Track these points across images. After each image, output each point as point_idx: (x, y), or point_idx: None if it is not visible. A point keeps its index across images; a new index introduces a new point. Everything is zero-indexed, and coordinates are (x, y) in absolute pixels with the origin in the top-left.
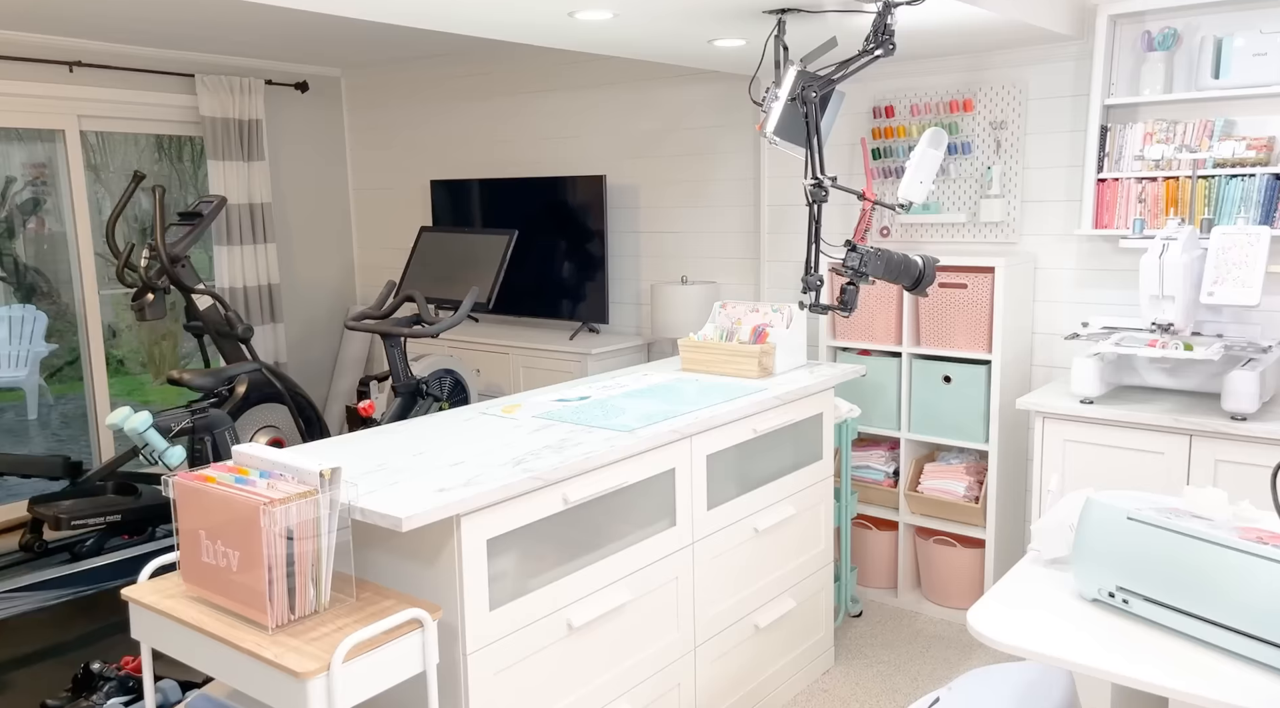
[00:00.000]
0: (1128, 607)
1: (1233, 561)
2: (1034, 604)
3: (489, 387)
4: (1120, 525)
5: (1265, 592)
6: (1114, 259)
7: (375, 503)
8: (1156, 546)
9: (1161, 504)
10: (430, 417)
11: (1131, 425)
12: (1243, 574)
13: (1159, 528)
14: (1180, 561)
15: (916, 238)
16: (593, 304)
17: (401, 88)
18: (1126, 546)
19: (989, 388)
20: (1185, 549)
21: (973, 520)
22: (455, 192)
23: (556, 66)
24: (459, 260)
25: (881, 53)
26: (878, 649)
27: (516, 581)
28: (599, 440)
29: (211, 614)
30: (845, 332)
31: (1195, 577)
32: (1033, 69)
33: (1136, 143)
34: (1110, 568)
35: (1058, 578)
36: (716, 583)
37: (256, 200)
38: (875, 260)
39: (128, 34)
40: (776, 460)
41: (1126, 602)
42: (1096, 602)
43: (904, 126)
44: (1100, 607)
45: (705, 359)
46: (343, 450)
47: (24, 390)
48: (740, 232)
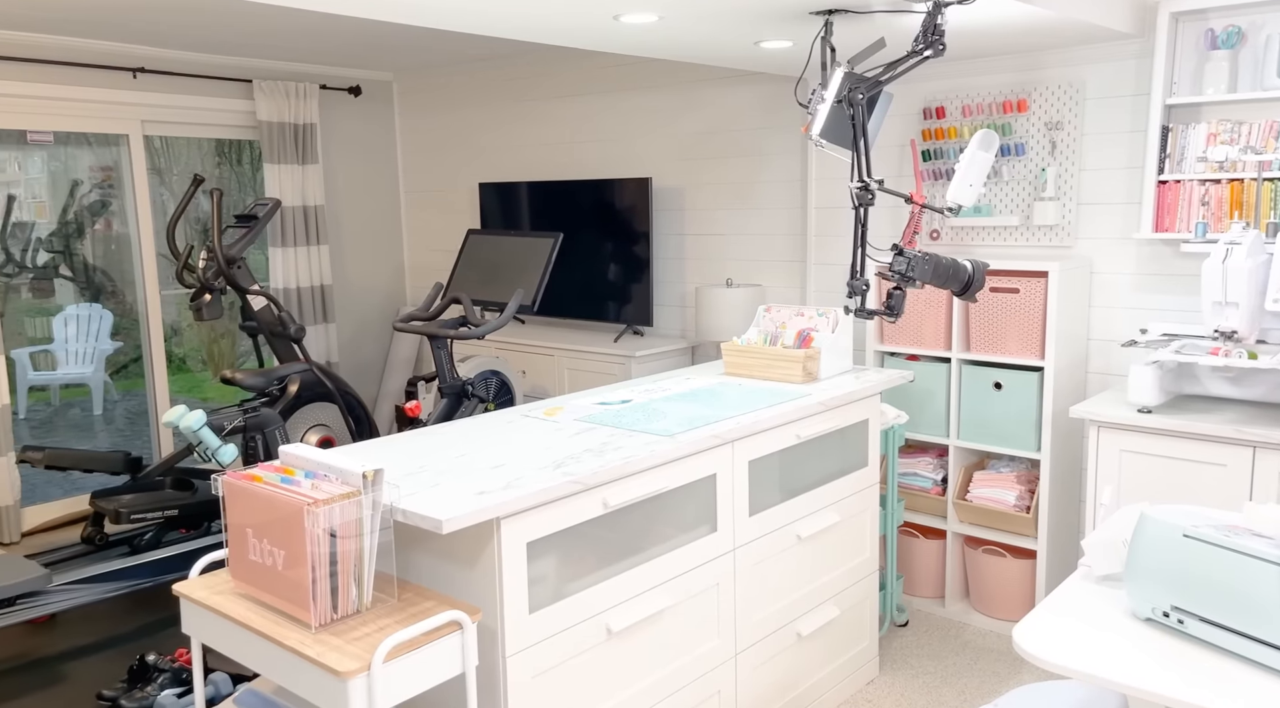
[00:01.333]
0: (1183, 627)
1: None
2: (1084, 622)
3: (534, 388)
4: (1176, 543)
5: None
6: (1174, 264)
7: (416, 505)
8: (1214, 565)
9: (1220, 521)
10: (473, 418)
11: (1192, 436)
12: None
13: (1217, 546)
14: (1239, 581)
15: (967, 241)
16: (638, 307)
17: (452, 91)
18: (1183, 564)
19: (1041, 395)
20: (1245, 569)
21: (1024, 531)
22: (503, 194)
23: (604, 69)
24: (505, 263)
25: (931, 53)
26: (924, 660)
27: (556, 584)
28: (639, 445)
29: (258, 611)
30: (893, 336)
31: (1255, 598)
32: (1091, 68)
33: (1199, 144)
34: (1165, 587)
35: (1110, 595)
36: (758, 590)
37: (310, 203)
38: (923, 265)
39: (189, 41)
40: (820, 467)
41: (1182, 622)
42: (1150, 621)
43: (955, 128)
44: (1154, 627)
45: (748, 363)
46: (386, 451)
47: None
48: (787, 234)
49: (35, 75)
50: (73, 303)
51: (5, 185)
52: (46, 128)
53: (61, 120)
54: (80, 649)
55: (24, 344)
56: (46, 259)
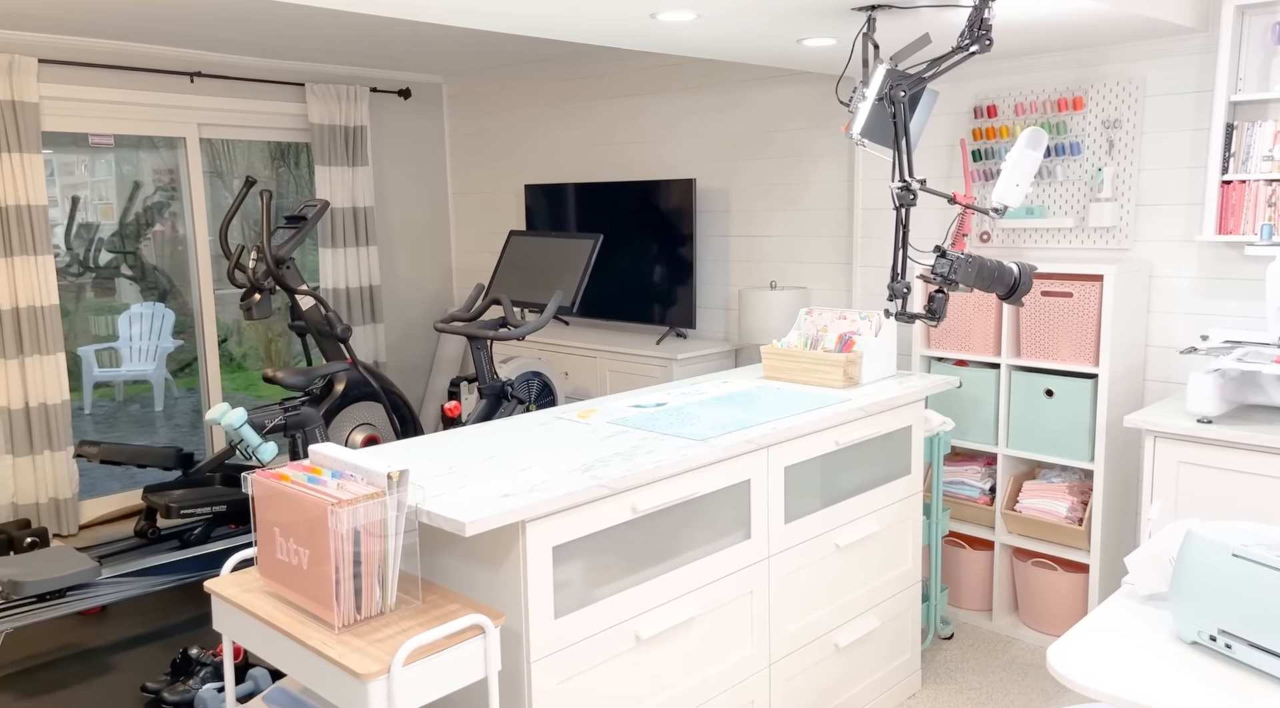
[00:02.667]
0: (1230, 652)
1: None
2: (1125, 643)
3: (576, 390)
4: (1224, 563)
5: None
6: (1238, 267)
7: (441, 506)
8: (1265, 586)
9: (1272, 539)
10: (507, 420)
11: (1255, 448)
12: None
13: (1268, 567)
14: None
15: (1019, 244)
16: (681, 309)
17: (499, 94)
18: (1231, 585)
19: (1095, 403)
20: None
21: (1076, 543)
22: (549, 195)
23: (648, 70)
24: (546, 264)
25: (977, 49)
26: (969, 675)
27: (583, 589)
28: (670, 449)
29: (284, 610)
30: (940, 341)
31: None
32: (1151, 64)
33: (1266, 142)
34: (1212, 609)
35: (1154, 615)
36: (793, 599)
37: (360, 204)
38: (966, 267)
39: (243, 46)
40: (861, 474)
41: (1229, 647)
42: (1196, 645)
43: (1007, 127)
44: (1200, 650)
45: (788, 367)
46: (417, 452)
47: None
48: (832, 236)
49: (96, 79)
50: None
51: (71, 187)
52: (107, 131)
53: (121, 123)
54: (128, 641)
55: (89, 342)
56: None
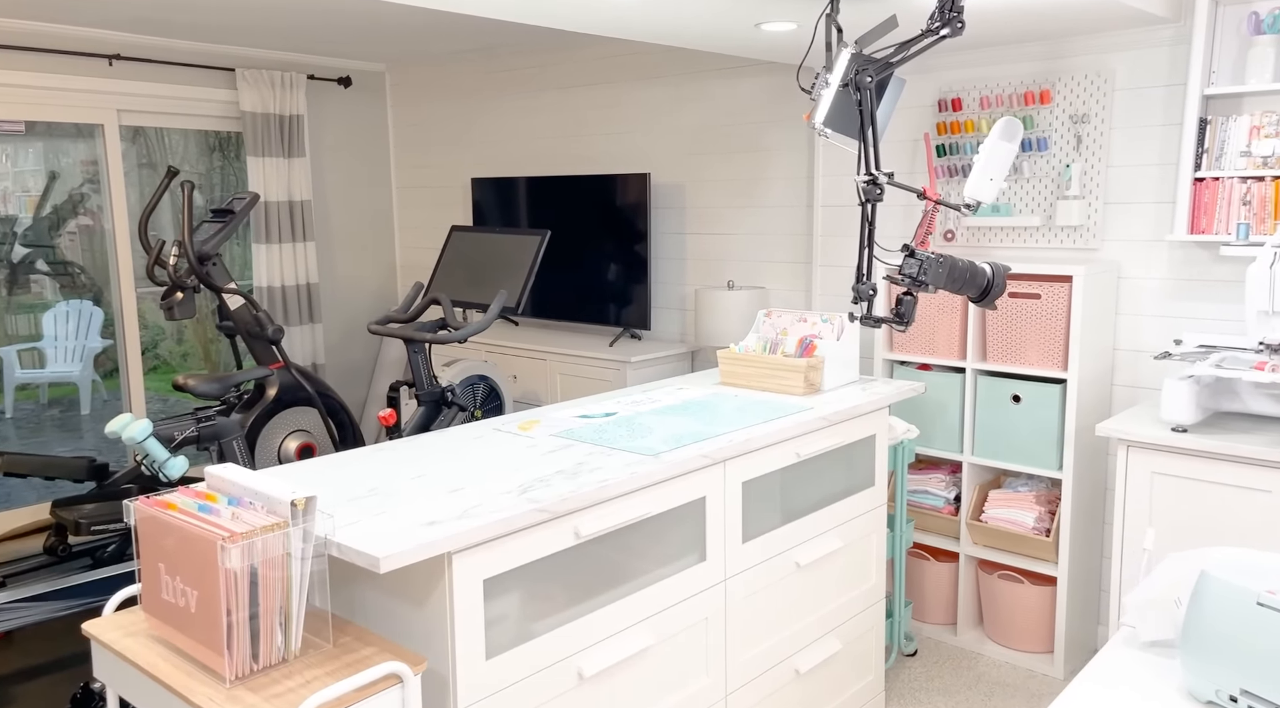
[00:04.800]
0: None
1: None
2: (1127, 699)
3: (525, 394)
4: (1247, 612)
5: None
6: (1212, 268)
7: (353, 538)
8: None
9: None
10: (439, 433)
11: (1232, 458)
12: None
13: None
14: None
15: (984, 243)
16: (635, 309)
17: (446, 83)
18: (1255, 638)
19: (1063, 409)
20: None
21: (1043, 555)
22: (497, 189)
23: (601, 60)
24: (489, 261)
25: (949, 32)
26: (934, 695)
27: (519, 625)
28: (619, 465)
29: (171, 659)
30: (903, 344)
31: None
32: (1121, 56)
33: (1241, 138)
34: (1232, 665)
35: (1159, 667)
36: (752, 624)
37: (296, 198)
38: (936, 268)
39: (168, 27)
40: (822, 487)
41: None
42: (1212, 705)
43: (972, 121)
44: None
45: (746, 373)
46: (334, 472)
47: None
48: (791, 234)
49: (4, 62)
50: (58, 300)
51: None
52: (17, 117)
53: (33, 109)
54: (29, 671)
55: (8, 342)
56: (24, 254)
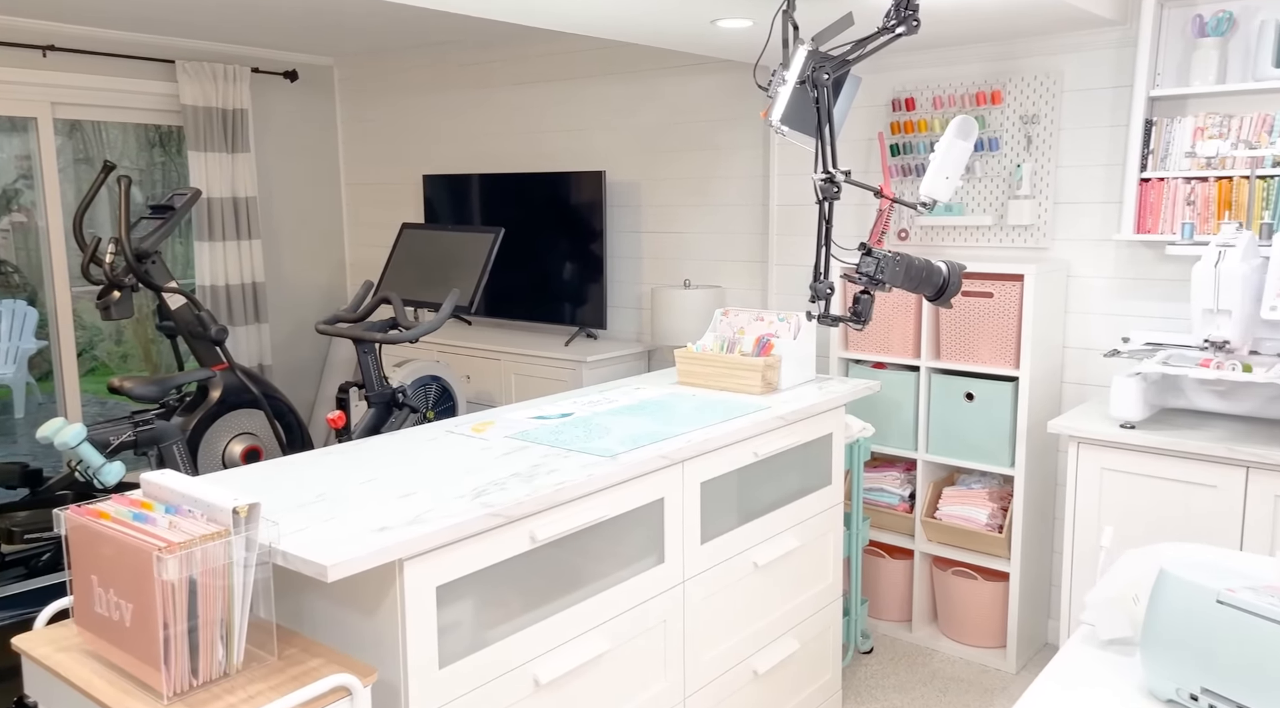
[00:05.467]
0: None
1: None
2: (1088, 698)
3: (479, 394)
4: (1207, 610)
5: None
6: (1158, 267)
7: (300, 546)
8: (1257, 640)
9: (1254, 577)
10: (391, 436)
11: (1180, 454)
12: None
13: (1263, 619)
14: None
15: (938, 242)
16: (591, 308)
17: (396, 78)
18: (1215, 637)
19: (1015, 407)
20: None
21: (996, 551)
22: (450, 186)
23: (556, 57)
24: (442, 260)
25: (904, 30)
26: (890, 693)
27: (473, 632)
28: (575, 467)
29: (105, 675)
30: (858, 343)
31: None
32: (1069, 58)
33: (1185, 139)
34: (1193, 664)
35: (1119, 665)
36: (710, 625)
37: (240, 194)
38: (893, 267)
39: (104, 17)
40: (780, 486)
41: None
42: (1173, 704)
43: (925, 120)
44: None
45: (703, 372)
46: (280, 477)
47: (11, 388)
48: (747, 233)
49: None
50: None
51: None
52: None
53: None
54: None
55: None
56: None
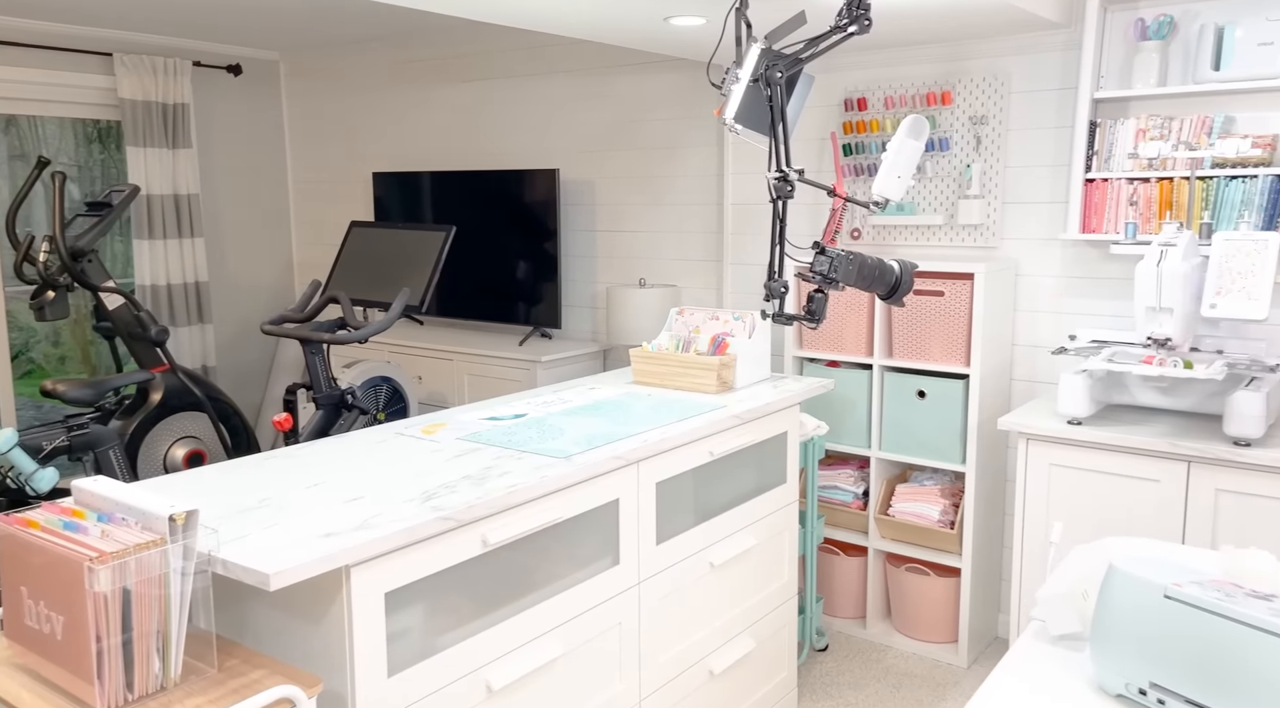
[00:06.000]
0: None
1: None
2: (1040, 693)
3: (431, 395)
4: (1155, 605)
5: None
6: (1103, 266)
7: (241, 554)
8: (1204, 634)
9: (1200, 572)
10: (338, 438)
11: (1125, 450)
12: None
13: (1208, 613)
14: (1237, 656)
15: (890, 241)
16: (545, 307)
17: (344, 73)
18: (1163, 631)
19: (966, 404)
20: (1244, 643)
21: (948, 547)
22: (401, 184)
23: (509, 53)
24: (392, 258)
25: (856, 29)
26: (844, 689)
27: (424, 639)
28: (528, 469)
29: (36, 690)
30: (812, 342)
31: (1258, 678)
32: (1016, 59)
33: (1128, 140)
34: (1141, 658)
35: (1069, 660)
36: (666, 627)
37: (182, 191)
38: (847, 265)
39: (40, 9)
40: (736, 485)
41: (1162, 703)
42: (1122, 698)
43: (877, 120)
44: (1127, 705)
45: (659, 372)
46: (222, 482)
47: None
48: (702, 232)
49: None
50: None
51: None
52: None
53: None
54: None
55: None
56: None
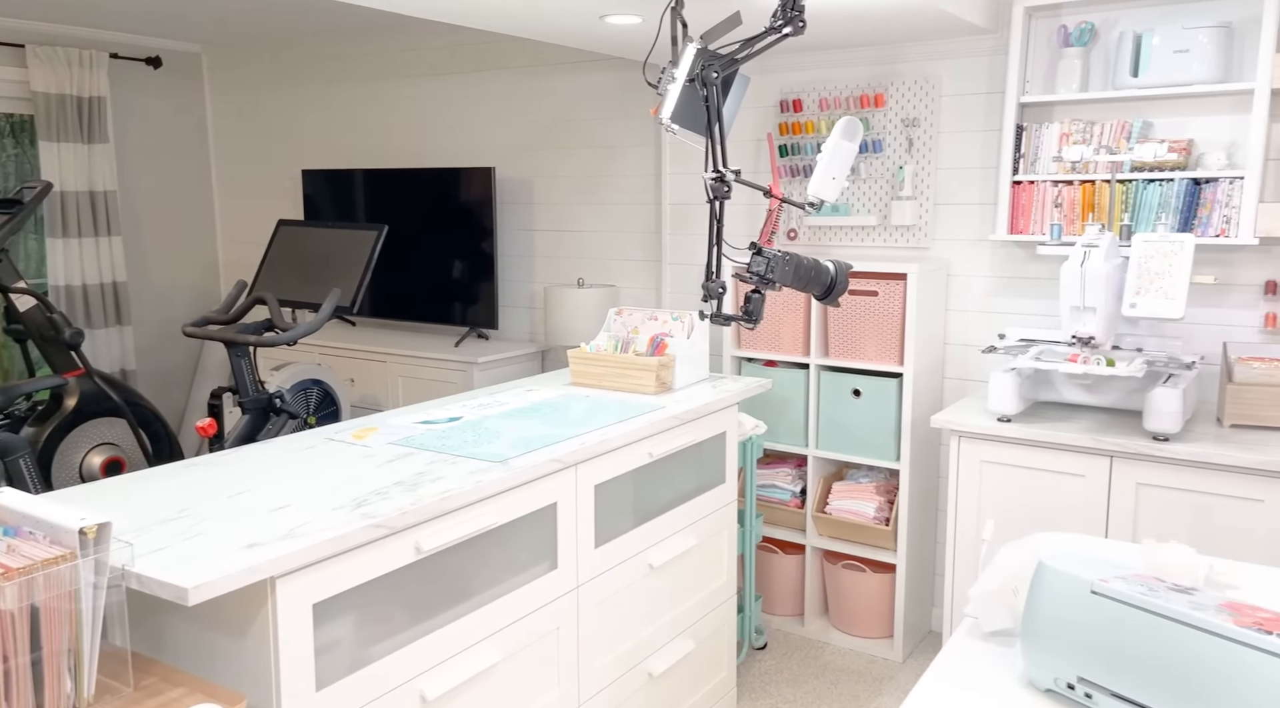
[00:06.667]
0: (1092, 703)
1: (1231, 655)
2: (972, 690)
3: (364, 399)
4: (1082, 601)
5: (1275, 699)
6: (1030, 266)
7: (157, 567)
8: (1130, 628)
9: (1126, 567)
10: (264, 444)
11: (1051, 446)
12: (1246, 673)
13: (1133, 608)
14: (1160, 649)
15: (825, 241)
16: (482, 308)
17: (271, 67)
18: (1091, 626)
19: (900, 403)
20: (1167, 636)
21: (883, 544)
22: (332, 182)
23: (444, 50)
24: (322, 258)
25: (791, 31)
26: (783, 686)
27: (355, 650)
28: (463, 474)
29: None
30: (750, 341)
31: (1181, 672)
32: (946, 63)
33: (1053, 144)
34: (1069, 654)
35: (1001, 657)
36: (605, 630)
37: (99, 188)
38: (783, 266)
39: None
40: (675, 486)
41: (1090, 697)
42: (1052, 693)
43: (813, 122)
44: (1056, 700)
45: (597, 373)
46: (139, 491)
47: None
48: (641, 232)
49: None
50: None
51: None
52: None
53: None
54: None
55: None
56: None
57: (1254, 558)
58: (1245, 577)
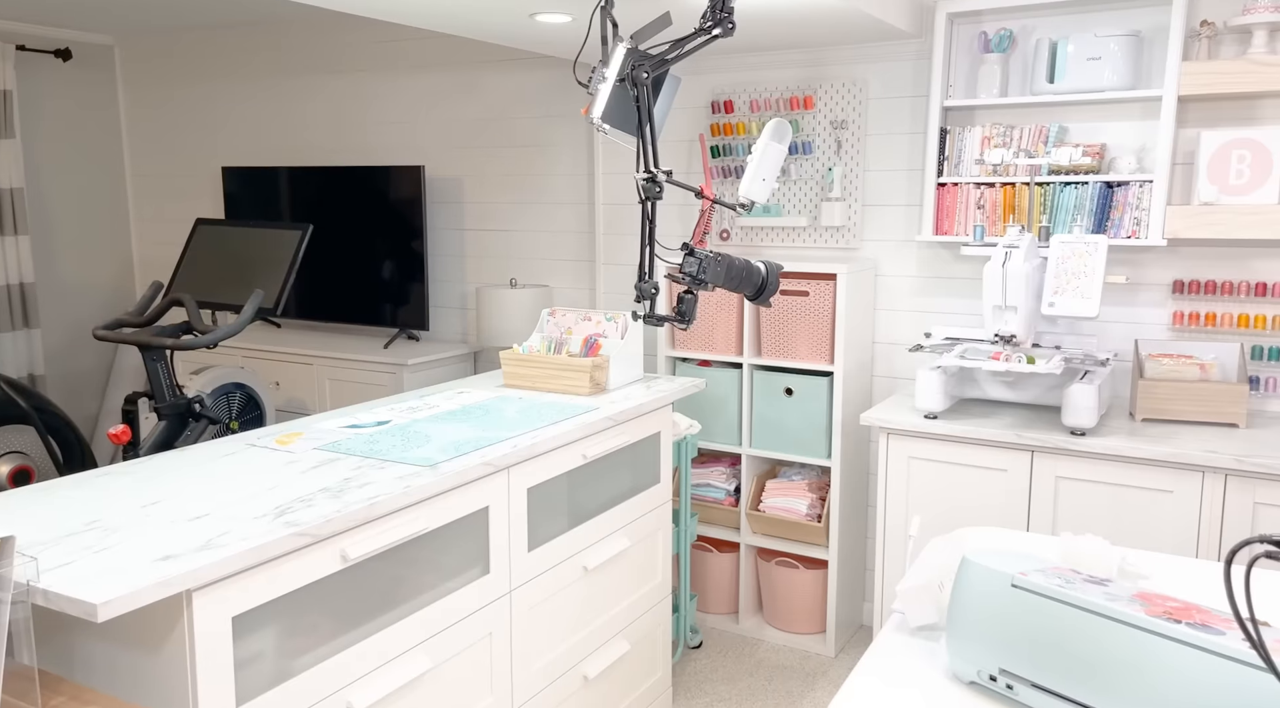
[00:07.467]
0: (1013, 694)
1: (1142, 644)
2: (899, 685)
3: (290, 402)
4: (1003, 594)
5: (1181, 685)
6: (955, 267)
7: (64, 582)
8: (1047, 620)
9: (1043, 560)
10: (181, 452)
11: (975, 442)
12: (1155, 661)
13: (1050, 599)
14: (1076, 640)
15: (757, 242)
16: (412, 308)
17: (189, 60)
18: (1011, 619)
19: (831, 401)
20: (1082, 626)
21: (816, 540)
22: (254, 180)
23: (371, 46)
24: (243, 258)
25: (720, 32)
26: (718, 685)
27: (278, 662)
28: (391, 479)
29: None
30: (684, 341)
31: (1094, 661)
32: (873, 67)
33: (975, 147)
34: (991, 646)
35: (927, 651)
36: (539, 634)
37: (4, 185)
38: (715, 267)
39: None
40: (609, 487)
41: (1011, 688)
42: (975, 685)
43: (744, 123)
44: (979, 691)
45: (530, 374)
46: (45, 503)
47: None
48: (574, 231)
49: None
50: None
51: None
52: None
53: None
54: None
55: None
56: None
57: (1166, 547)
58: (1155, 567)
